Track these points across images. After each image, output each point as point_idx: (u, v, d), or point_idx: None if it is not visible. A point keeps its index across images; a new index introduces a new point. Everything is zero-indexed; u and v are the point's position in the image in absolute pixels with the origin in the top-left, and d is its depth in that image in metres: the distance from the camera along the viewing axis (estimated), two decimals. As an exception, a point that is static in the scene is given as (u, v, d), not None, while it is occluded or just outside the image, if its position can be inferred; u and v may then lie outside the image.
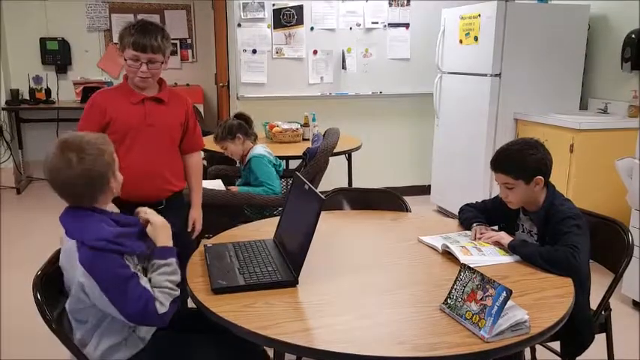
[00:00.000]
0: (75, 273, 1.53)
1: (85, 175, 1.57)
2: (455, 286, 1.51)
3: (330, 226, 2.23)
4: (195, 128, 2.47)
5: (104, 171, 1.61)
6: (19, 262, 3.84)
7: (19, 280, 3.50)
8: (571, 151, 3.81)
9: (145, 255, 1.66)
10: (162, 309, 1.55)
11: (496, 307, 1.37)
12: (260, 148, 3.36)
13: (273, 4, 5.00)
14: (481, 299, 1.41)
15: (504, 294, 1.38)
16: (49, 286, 1.63)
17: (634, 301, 3.24)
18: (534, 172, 1.96)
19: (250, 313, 1.49)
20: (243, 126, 3.35)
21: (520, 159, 1.98)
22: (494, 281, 1.43)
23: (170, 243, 1.69)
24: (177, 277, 1.63)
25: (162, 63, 2.21)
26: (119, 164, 1.70)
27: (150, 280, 1.60)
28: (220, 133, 3.33)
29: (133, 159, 2.21)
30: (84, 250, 1.53)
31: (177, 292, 1.59)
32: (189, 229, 2.47)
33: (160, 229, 1.70)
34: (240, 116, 3.45)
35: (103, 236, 1.54)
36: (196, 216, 2.49)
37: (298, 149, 3.71)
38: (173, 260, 1.65)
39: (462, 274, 1.52)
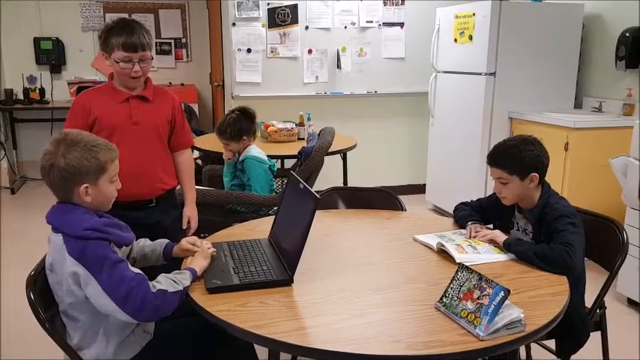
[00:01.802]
0: (65, 265, 1.53)
1: (62, 168, 1.56)
2: (451, 285, 1.51)
3: (325, 225, 2.23)
4: (184, 125, 2.46)
5: (83, 173, 1.58)
6: (13, 262, 3.82)
7: (14, 279, 3.49)
8: (566, 149, 3.82)
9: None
10: (158, 285, 1.55)
11: (493, 306, 1.37)
12: (256, 150, 3.31)
13: (268, 3, 4.99)
14: (478, 298, 1.41)
15: (502, 293, 1.38)
16: (43, 286, 1.62)
17: (629, 299, 3.25)
18: (530, 169, 1.96)
19: (245, 312, 1.48)
20: (250, 128, 3.30)
21: (516, 154, 1.98)
22: (491, 281, 1.43)
23: (199, 270, 1.69)
24: (186, 282, 1.61)
25: (152, 59, 2.24)
26: None
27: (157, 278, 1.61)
28: (229, 134, 3.24)
29: (121, 157, 2.21)
30: (72, 242, 1.52)
31: (181, 287, 1.58)
32: (184, 227, 2.46)
33: (202, 260, 1.73)
34: (245, 112, 3.33)
35: (89, 225, 1.54)
36: (191, 213, 2.48)
37: (293, 148, 3.70)
38: (189, 274, 1.64)
39: (459, 273, 1.52)
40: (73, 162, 1.56)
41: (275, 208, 3.09)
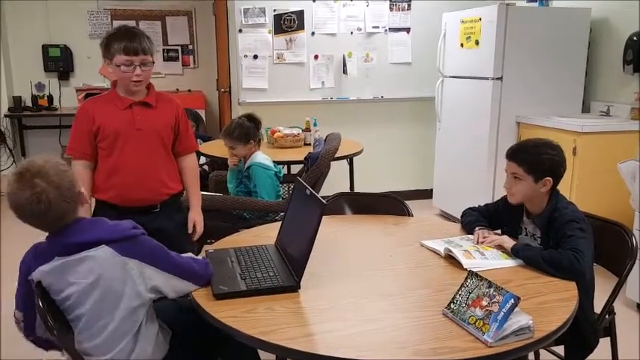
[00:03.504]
0: (125, 269, 1.55)
1: (59, 191, 1.52)
2: (460, 292, 1.50)
3: (332, 231, 2.22)
4: (187, 130, 2.47)
5: (73, 182, 1.59)
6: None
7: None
8: (574, 154, 3.80)
9: None
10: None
11: (502, 313, 1.36)
12: (261, 156, 3.32)
13: (274, 10, 5.01)
14: (487, 305, 1.40)
15: (512, 301, 1.37)
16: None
17: (638, 304, 3.22)
18: (546, 172, 1.96)
19: (252, 318, 1.48)
20: (257, 132, 3.33)
21: (536, 155, 1.99)
22: (501, 288, 1.42)
23: None
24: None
25: (152, 64, 2.25)
26: (113, 168, 1.70)
27: None
28: (236, 135, 3.26)
29: (125, 164, 2.25)
30: (122, 245, 1.55)
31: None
32: (189, 231, 2.47)
33: None
34: (251, 118, 3.36)
35: (132, 224, 1.60)
36: (196, 218, 2.48)
37: (300, 154, 3.70)
38: None
39: (468, 280, 1.51)
40: (64, 183, 1.54)
41: (281, 214, 3.09)
